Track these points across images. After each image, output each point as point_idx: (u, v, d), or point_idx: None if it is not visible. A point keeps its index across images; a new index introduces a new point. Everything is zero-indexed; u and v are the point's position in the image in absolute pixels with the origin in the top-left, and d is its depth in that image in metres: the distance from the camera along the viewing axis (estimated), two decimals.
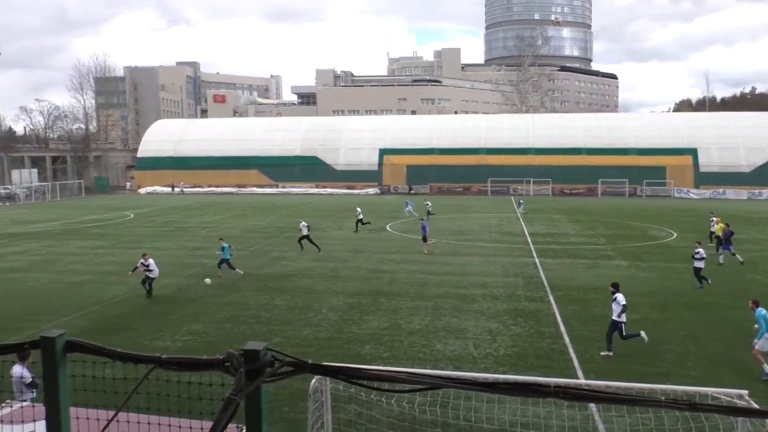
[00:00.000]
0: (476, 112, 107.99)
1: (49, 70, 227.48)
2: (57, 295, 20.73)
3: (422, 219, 32.16)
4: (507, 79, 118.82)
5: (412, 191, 72.73)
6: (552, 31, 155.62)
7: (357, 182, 76.60)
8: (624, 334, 14.21)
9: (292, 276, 23.65)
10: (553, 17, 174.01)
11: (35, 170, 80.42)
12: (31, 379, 9.05)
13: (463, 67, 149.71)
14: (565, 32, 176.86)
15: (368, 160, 79.07)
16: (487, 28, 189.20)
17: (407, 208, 46.51)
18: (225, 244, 23.16)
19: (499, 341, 15.25)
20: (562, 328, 16.39)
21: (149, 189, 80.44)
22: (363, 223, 38.22)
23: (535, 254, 28.44)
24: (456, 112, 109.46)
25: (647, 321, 16.88)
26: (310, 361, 2.65)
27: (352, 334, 15.95)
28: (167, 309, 18.69)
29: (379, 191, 75.66)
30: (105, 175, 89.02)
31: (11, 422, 4.93)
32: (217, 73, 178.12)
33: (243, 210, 52.39)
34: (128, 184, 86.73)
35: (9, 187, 71.19)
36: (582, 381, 11.75)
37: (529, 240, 33.10)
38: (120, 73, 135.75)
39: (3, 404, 5.54)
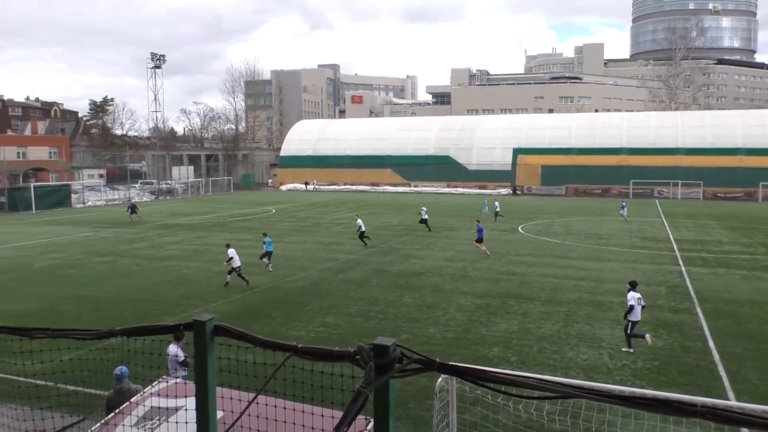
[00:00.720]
0: (619, 110, 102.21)
1: (206, 75, 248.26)
2: (206, 282, 22.55)
3: (478, 220, 31.19)
4: (655, 75, 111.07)
5: (518, 192, 72.09)
6: (709, 21, 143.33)
7: (489, 182, 75.64)
8: (629, 331, 14.52)
9: (421, 274, 23.86)
10: (710, 6, 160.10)
11: (192, 167, 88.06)
12: (183, 358, 9.91)
13: (605, 63, 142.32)
14: (725, 22, 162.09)
15: (501, 159, 77.72)
16: (634, 20, 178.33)
17: (485, 209, 45.30)
18: (267, 239, 24.97)
19: (637, 353, 14.34)
20: (711, 343, 15.06)
21: (289, 186, 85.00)
22: (425, 224, 37.84)
23: (681, 262, 26.39)
24: (597, 111, 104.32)
25: None
26: (437, 360, 2.67)
27: (479, 335, 15.79)
28: (303, 300, 19.63)
29: (511, 192, 74.15)
30: (251, 172, 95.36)
31: (166, 396, 5.44)
32: (356, 74, 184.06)
33: (376, 208, 53.67)
34: (270, 181, 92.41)
35: (169, 182, 78.58)
36: (733, 403, 10.72)
37: (674, 247, 30.79)
38: (267, 76, 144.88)
39: (159, 380, 6.13)
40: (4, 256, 29.10)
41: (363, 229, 31.29)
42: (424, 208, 39.73)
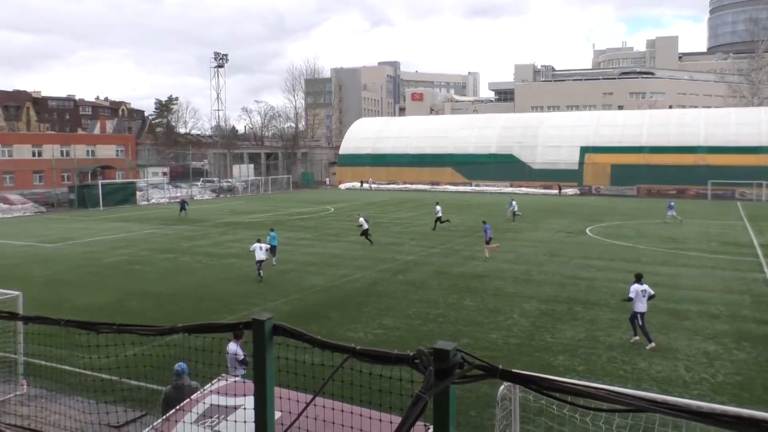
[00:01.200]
0: (695, 106, 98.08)
1: (267, 73, 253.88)
2: (265, 281, 23.00)
3: (484, 221, 30.36)
4: (735, 69, 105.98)
5: (561, 192, 70.65)
6: None
7: (555, 182, 74.05)
8: (641, 323, 15.15)
9: (482, 276, 23.61)
10: None
11: (252, 165, 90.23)
12: (243, 357, 10.14)
13: (680, 57, 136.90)
14: None
15: (568, 158, 76.02)
16: (711, 11, 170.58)
17: (511, 208, 44.00)
18: (273, 233, 26.39)
19: (717, 366, 13.71)
20: None
21: (348, 185, 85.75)
22: (441, 222, 37.71)
23: (766, 270, 25.06)
24: (670, 107, 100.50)
25: None
26: (500, 367, 2.61)
27: (544, 342, 15.47)
28: (361, 301, 19.76)
29: (578, 192, 72.37)
30: (310, 170, 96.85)
31: (225, 395, 5.57)
32: (416, 71, 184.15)
33: (435, 207, 53.34)
34: (327, 180, 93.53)
35: (230, 180, 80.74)
36: None
37: (759, 253, 29.26)
38: (327, 74, 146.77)
39: (218, 377, 6.29)
40: (76, 251, 30.65)
41: (365, 227, 31.76)
42: (438, 206, 39.33)
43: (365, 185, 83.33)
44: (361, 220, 32.51)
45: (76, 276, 24.39)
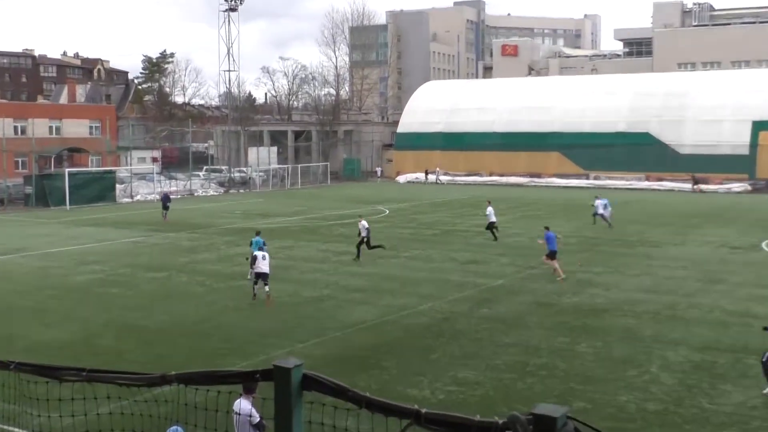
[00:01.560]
0: None
1: (297, 18, 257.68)
2: (291, 312, 23.28)
3: (547, 227, 29.52)
4: None
5: (697, 187, 70.02)
6: None
7: (712, 174, 72.36)
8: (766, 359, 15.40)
9: (604, 311, 23.30)
10: None
11: (274, 148, 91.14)
12: (258, 420, 10.21)
13: None
14: None
15: (733, 139, 74.38)
16: None
17: (599, 210, 43.19)
18: (257, 239, 27.16)
19: None
20: None
21: (408, 176, 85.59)
22: (494, 229, 37.94)
23: None
24: None
25: None
26: None
27: (698, 409, 15.14)
28: (427, 345, 19.74)
29: (749, 188, 70.42)
30: (356, 156, 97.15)
31: None
32: (508, 14, 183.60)
33: (536, 209, 52.98)
34: (378, 170, 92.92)
35: (244, 169, 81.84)
36: None
37: None
38: (381, 20, 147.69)
39: None
40: (32, 266, 31.83)
41: (364, 235, 32.16)
42: (490, 208, 38.83)
43: (432, 177, 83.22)
44: (362, 224, 32.69)
45: (33, 301, 25.22)
